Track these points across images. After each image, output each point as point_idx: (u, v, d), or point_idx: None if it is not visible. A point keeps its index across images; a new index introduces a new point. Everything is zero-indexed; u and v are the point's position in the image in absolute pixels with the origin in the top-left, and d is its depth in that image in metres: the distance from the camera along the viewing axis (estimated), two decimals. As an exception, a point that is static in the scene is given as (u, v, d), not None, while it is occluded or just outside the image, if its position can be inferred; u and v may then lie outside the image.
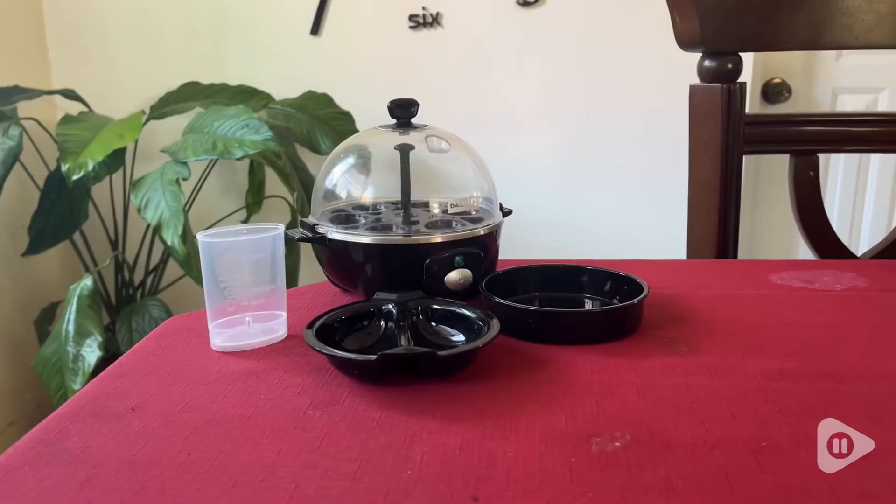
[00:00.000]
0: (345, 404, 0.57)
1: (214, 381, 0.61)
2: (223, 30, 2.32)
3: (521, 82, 2.23)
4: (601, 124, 2.20)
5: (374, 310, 0.68)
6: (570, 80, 2.20)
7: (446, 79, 2.26)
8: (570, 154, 2.24)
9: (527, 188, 2.28)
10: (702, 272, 0.91)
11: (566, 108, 2.22)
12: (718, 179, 1.05)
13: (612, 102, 2.17)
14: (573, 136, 2.23)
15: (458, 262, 0.73)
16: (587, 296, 0.78)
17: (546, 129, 2.24)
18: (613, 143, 2.19)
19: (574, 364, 0.63)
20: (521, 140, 2.26)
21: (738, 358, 0.64)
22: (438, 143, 0.78)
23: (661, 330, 0.71)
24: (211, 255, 0.65)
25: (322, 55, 2.30)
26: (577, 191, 2.25)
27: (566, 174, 2.25)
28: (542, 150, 2.26)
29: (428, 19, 2.24)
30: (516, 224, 2.36)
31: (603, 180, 2.23)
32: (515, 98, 2.24)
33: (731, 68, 1.04)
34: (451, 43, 2.25)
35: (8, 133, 1.80)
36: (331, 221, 0.77)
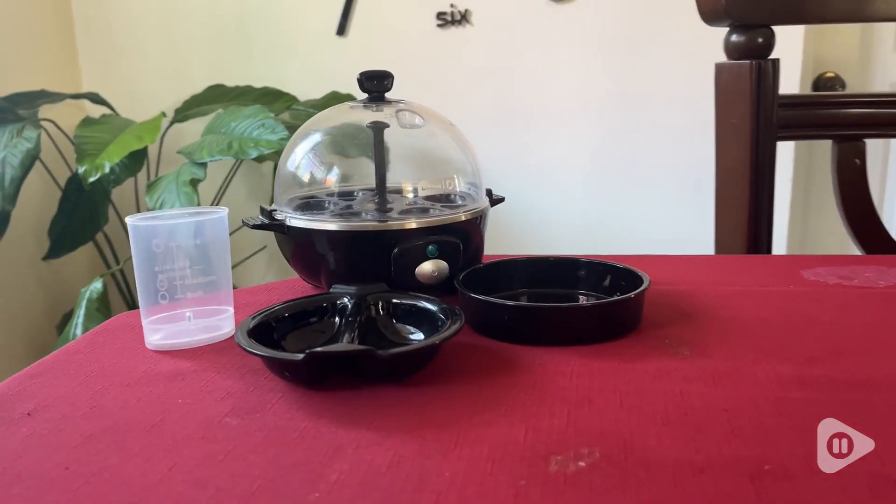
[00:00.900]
0: (270, 411, 0.48)
1: (134, 383, 0.53)
2: (249, 32, 2.28)
3: (553, 79, 2.13)
4: (638, 120, 2.08)
5: (328, 305, 0.59)
6: (605, 75, 2.09)
7: (476, 78, 2.18)
8: (606, 152, 2.13)
9: (561, 188, 2.17)
10: (723, 268, 0.80)
11: (601, 105, 2.11)
12: (748, 167, 0.94)
13: (649, 98, 2.05)
14: (609, 133, 2.12)
15: (431, 251, 0.64)
16: (582, 292, 0.68)
17: (580, 126, 2.14)
18: (652, 139, 2.07)
19: (552, 367, 0.54)
20: (555, 139, 2.16)
21: (751, 362, 0.54)
22: (411, 118, 0.69)
23: (664, 329, 0.61)
24: (141, 241, 0.58)
25: (348, 56, 2.24)
26: (615, 189, 2.14)
27: (602, 172, 2.14)
28: (576, 148, 2.15)
29: (456, 17, 2.16)
30: (550, 224, 2.26)
31: (641, 178, 2.11)
32: (548, 96, 2.14)
33: (762, 43, 0.93)
34: (480, 41, 2.16)
35: (25, 135, 1.78)
36: (294, 208, 0.69)
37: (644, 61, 2.04)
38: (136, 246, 0.58)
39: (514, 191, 2.21)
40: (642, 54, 2.04)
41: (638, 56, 2.05)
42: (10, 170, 1.79)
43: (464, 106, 2.20)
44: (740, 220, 0.96)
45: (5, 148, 1.70)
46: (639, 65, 2.05)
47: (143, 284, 0.58)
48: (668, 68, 2.03)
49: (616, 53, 2.07)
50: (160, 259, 0.58)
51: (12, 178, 1.78)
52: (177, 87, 2.28)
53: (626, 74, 2.07)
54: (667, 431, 0.44)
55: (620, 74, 2.07)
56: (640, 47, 2.04)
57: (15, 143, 1.75)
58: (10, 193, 1.79)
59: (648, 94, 2.05)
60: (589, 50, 2.09)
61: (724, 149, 0.97)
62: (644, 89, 2.06)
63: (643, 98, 2.06)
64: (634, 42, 2.04)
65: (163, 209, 1.72)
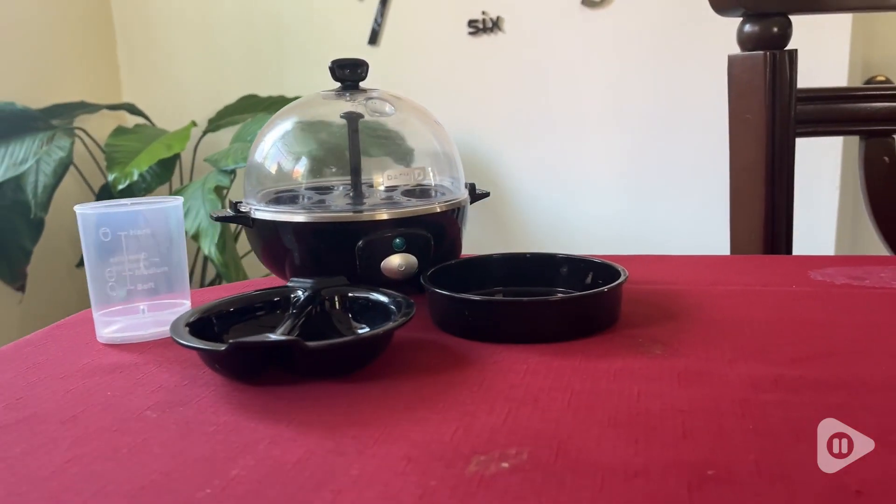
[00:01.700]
0: (194, 405, 0.45)
1: (70, 376, 0.51)
2: (283, 43, 2.30)
3: (587, 86, 2.08)
4: (675, 127, 2.02)
5: (280, 299, 0.56)
6: (640, 81, 2.03)
7: (508, 85, 2.15)
8: (640, 158, 2.07)
9: (594, 194, 2.12)
10: (726, 268, 0.75)
11: (637, 112, 2.05)
12: (764, 165, 0.89)
13: (686, 104, 1.99)
14: (643, 139, 2.06)
15: (398, 244, 0.61)
16: (562, 290, 0.64)
17: (615, 134, 2.08)
18: (688, 147, 2.00)
19: (507, 365, 0.50)
20: (589, 146, 2.11)
21: (726, 362, 0.49)
22: (380, 105, 0.66)
23: (641, 328, 0.56)
24: (88, 230, 0.56)
25: (380, 65, 2.22)
26: (648, 196, 2.07)
27: (636, 179, 2.08)
28: (609, 154, 2.10)
29: (488, 24, 2.14)
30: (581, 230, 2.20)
31: (677, 187, 2.04)
32: (581, 102, 2.10)
33: (777, 33, 0.88)
34: (512, 48, 2.13)
35: (58, 144, 1.81)
36: (263, 201, 0.67)
37: (678, 66, 1.98)
38: (84, 235, 0.56)
39: (545, 197, 2.16)
40: (676, 59, 1.98)
41: (672, 61, 1.99)
42: (42, 177, 1.82)
43: (496, 113, 2.17)
44: (756, 222, 0.91)
45: (35, 156, 1.73)
46: (673, 70, 1.99)
47: (92, 276, 0.57)
48: (704, 73, 1.96)
49: (649, 59, 2.01)
50: (108, 249, 0.56)
51: (45, 186, 1.82)
52: (212, 97, 2.31)
53: (660, 80, 2.01)
54: (610, 433, 0.40)
55: (654, 80, 2.01)
56: (673, 52, 1.98)
57: (47, 152, 1.78)
58: (43, 200, 1.82)
59: (683, 100, 1.99)
60: (622, 55, 2.04)
61: (738, 146, 0.92)
62: (679, 95, 1.99)
63: (678, 103, 2.00)
64: (668, 47, 1.98)
65: (187, 216, 1.73)
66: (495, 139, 2.19)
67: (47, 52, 2.18)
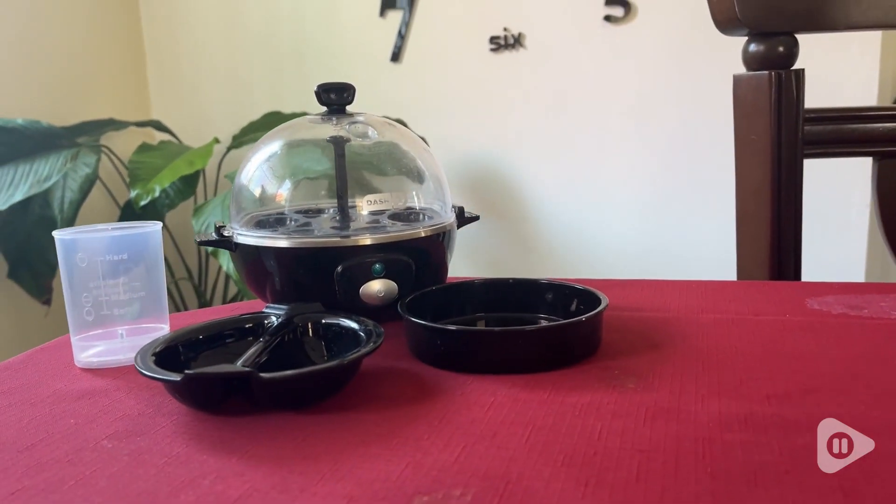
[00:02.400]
0: (152, 435, 0.45)
1: (40, 402, 0.52)
2: (306, 61, 2.32)
3: (609, 103, 2.07)
4: (701, 146, 1.99)
5: (253, 325, 0.56)
6: (663, 98, 2.01)
7: (530, 102, 2.14)
8: (664, 176, 2.04)
9: (616, 213, 2.09)
10: (719, 294, 0.73)
11: (660, 130, 2.03)
12: (769, 188, 0.87)
13: (710, 122, 1.96)
14: (667, 159, 2.03)
15: (377, 270, 0.61)
16: (544, 317, 0.62)
17: (638, 152, 2.06)
18: (712, 166, 1.97)
19: (474, 397, 0.49)
20: (611, 164, 2.09)
21: (699, 398, 0.47)
22: (363, 129, 0.66)
23: (619, 359, 0.55)
24: (65, 255, 0.56)
25: (402, 81, 2.24)
26: (672, 215, 2.04)
27: (659, 198, 2.05)
28: (633, 174, 2.07)
29: (510, 41, 2.13)
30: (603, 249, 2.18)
31: (700, 206, 2.01)
32: (604, 120, 2.08)
33: (783, 52, 0.86)
34: (534, 64, 2.12)
35: (84, 160, 1.84)
36: (247, 226, 0.67)
37: (702, 83, 1.95)
38: (61, 260, 0.56)
39: (566, 215, 2.14)
40: (700, 76, 1.95)
41: (695, 78, 1.96)
42: (69, 193, 1.86)
43: (517, 130, 2.16)
44: (761, 246, 0.88)
45: (59, 172, 1.76)
46: (696, 87, 1.96)
47: (70, 301, 0.57)
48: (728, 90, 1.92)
49: (673, 75, 1.99)
50: (85, 274, 0.56)
51: (71, 201, 1.85)
52: (237, 114, 2.34)
53: (683, 97, 1.98)
54: (562, 472, 0.38)
55: (677, 97, 1.99)
56: (697, 69, 1.95)
57: (73, 168, 1.82)
58: (69, 215, 1.85)
59: (707, 118, 1.96)
60: (646, 71, 2.02)
61: (743, 168, 0.90)
62: (702, 112, 1.96)
63: (701, 121, 1.97)
64: (692, 63, 1.96)
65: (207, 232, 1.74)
66: (516, 156, 2.18)
67: (79, 71, 2.23)
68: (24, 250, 1.91)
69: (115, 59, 2.39)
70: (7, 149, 1.82)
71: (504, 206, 2.20)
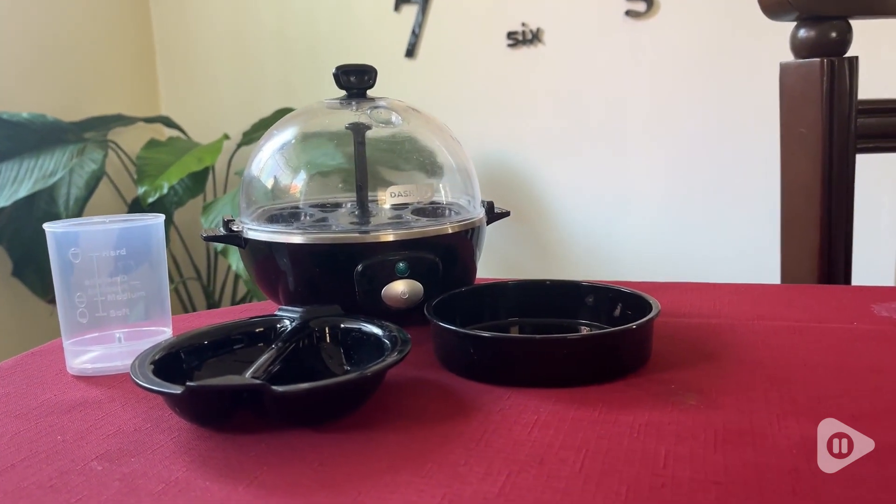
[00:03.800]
0: (148, 456, 0.39)
1: (27, 414, 0.46)
2: (319, 56, 2.26)
3: (631, 100, 2.00)
4: (723, 144, 1.92)
5: (265, 330, 0.50)
6: (686, 95, 1.94)
7: (548, 99, 2.07)
8: (687, 176, 1.97)
9: (636, 214, 2.03)
10: (773, 299, 0.66)
11: (683, 127, 1.96)
12: (819, 185, 0.80)
13: (735, 119, 1.89)
14: (691, 156, 1.96)
15: (401, 269, 0.55)
16: (586, 323, 0.56)
17: (660, 149, 1.99)
18: (736, 165, 1.90)
19: (514, 414, 0.43)
20: (631, 163, 2.02)
21: (774, 418, 0.41)
22: (386, 114, 0.60)
23: (674, 371, 0.49)
24: (57, 250, 0.51)
25: (417, 78, 2.18)
26: (694, 217, 1.97)
27: (682, 200, 1.98)
28: (654, 172, 2.01)
29: (528, 36, 2.07)
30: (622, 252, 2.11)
31: (723, 207, 1.94)
32: (625, 117, 2.01)
33: (836, 38, 0.79)
34: (552, 60, 2.06)
35: (91, 156, 1.80)
36: (267, 221, 0.61)
37: (726, 81, 1.89)
38: (53, 256, 0.51)
39: (585, 215, 2.08)
40: (724, 73, 1.88)
41: (719, 75, 1.89)
42: (74, 189, 1.81)
43: (535, 127, 2.10)
44: (810, 247, 0.82)
45: (64, 168, 1.71)
46: (724, 83, 1.90)
47: (62, 301, 0.51)
48: (753, 88, 1.86)
49: (696, 72, 1.92)
50: (78, 271, 0.50)
51: (77, 198, 1.80)
52: (248, 110, 2.28)
53: (710, 94, 1.91)
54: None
55: (703, 94, 1.92)
56: (721, 66, 1.89)
57: (79, 164, 1.77)
58: (75, 213, 1.80)
59: (731, 116, 1.89)
60: (669, 68, 1.95)
61: (790, 162, 0.83)
62: (726, 110, 1.90)
63: (725, 119, 1.90)
64: (715, 60, 1.89)
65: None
66: (534, 154, 2.12)
67: (86, 66, 2.18)
68: (29, 248, 1.86)
69: (124, 53, 2.34)
70: (12, 143, 1.77)
71: (519, 204, 2.13)
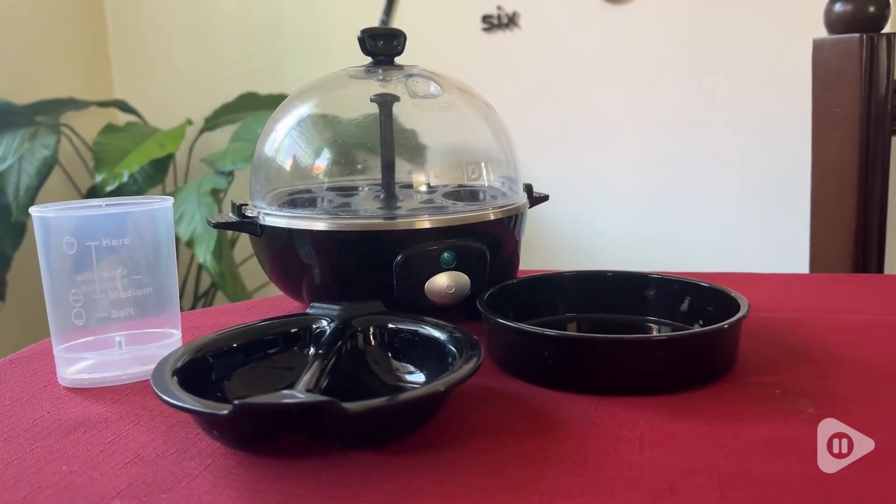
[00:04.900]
0: (183, 490, 0.32)
1: (18, 436, 0.38)
2: (283, 39, 2.16)
3: (608, 88, 1.95)
4: (702, 133, 1.88)
5: (299, 330, 0.43)
6: (665, 83, 1.90)
7: (524, 85, 2.02)
8: (665, 164, 1.93)
9: (615, 202, 1.99)
10: (831, 290, 0.61)
11: (661, 116, 1.92)
12: (856, 167, 0.76)
13: (715, 109, 1.86)
14: (669, 146, 1.93)
15: (447, 260, 0.48)
16: (652, 319, 0.50)
17: (638, 139, 1.95)
18: (716, 154, 1.87)
19: (611, 429, 0.36)
20: (609, 149, 1.98)
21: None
22: (425, 85, 0.53)
23: (768, 374, 0.43)
24: (48, 239, 0.42)
25: (388, 61, 2.10)
26: (674, 205, 1.94)
27: (660, 186, 1.94)
28: (632, 160, 1.96)
29: (503, 20, 2.01)
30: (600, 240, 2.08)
31: (704, 196, 1.91)
32: (603, 106, 1.96)
33: (874, 13, 0.75)
34: (529, 45, 2.00)
35: (43, 142, 1.67)
36: (274, 205, 0.53)
37: (710, 66, 1.85)
38: (41, 245, 0.43)
39: (562, 205, 2.03)
40: (708, 58, 1.85)
41: (703, 60, 1.86)
42: (25, 177, 1.68)
43: (509, 115, 2.03)
44: (845, 233, 0.78)
45: (15, 153, 1.59)
46: (703, 70, 1.86)
47: (53, 298, 0.43)
48: (737, 74, 1.83)
49: (677, 58, 1.88)
50: (74, 263, 0.42)
51: (27, 187, 1.68)
52: (209, 95, 2.17)
53: (689, 81, 1.88)
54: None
55: (682, 81, 1.88)
56: (705, 51, 1.85)
57: (29, 150, 1.65)
58: (25, 203, 1.68)
59: (712, 104, 1.86)
60: (647, 55, 1.91)
61: (823, 144, 0.79)
62: (707, 99, 1.87)
63: (705, 108, 1.87)
64: (699, 45, 1.86)
65: (181, 221, 1.59)
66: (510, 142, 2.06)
67: (35, 46, 2.05)
68: (-25, 240, 1.73)
69: (75, 33, 2.20)
70: (-44, 127, 1.64)
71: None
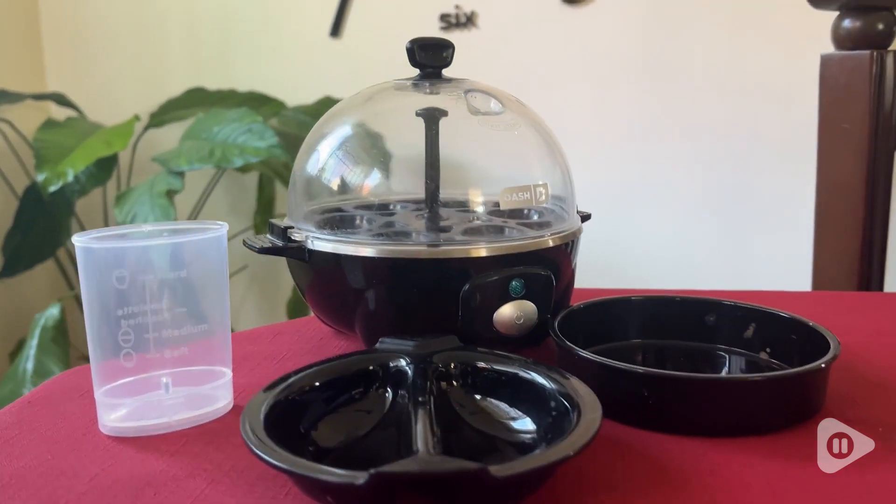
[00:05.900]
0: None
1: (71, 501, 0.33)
2: (231, 32, 2.09)
3: (567, 90, 1.95)
4: (661, 138, 1.90)
5: (375, 368, 0.40)
6: (624, 87, 1.91)
7: (481, 85, 2.00)
8: (623, 169, 1.95)
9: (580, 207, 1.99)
10: (867, 309, 0.61)
11: (620, 120, 1.93)
12: (863, 182, 0.77)
13: (673, 113, 1.88)
14: (629, 151, 1.94)
15: (515, 288, 0.45)
16: (722, 347, 0.49)
17: (597, 143, 1.96)
18: (675, 159, 1.89)
19: (735, 476, 0.34)
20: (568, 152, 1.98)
21: None
22: (485, 101, 0.51)
23: (858, 409, 0.42)
24: (96, 272, 0.38)
25: (343, 58, 2.05)
26: (632, 212, 1.96)
27: (620, 195, 1.96)
28: (590, 165, 1.97)
29: (461, 19, 1.98)
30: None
31: (662, 202, 1.93)
32: (561, 109, 1.96)
33: (882, 30, 0.76)
34: (487, 46, 1.98)
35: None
36: (316, 225, 0.50)
37: (667, 70, 1.87)
38: (87, 280, 0.38)
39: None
40: (665, 63, 1.87)
41: (660, 65, 1.88)
42: (-44, 177, 1.57)
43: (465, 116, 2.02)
44: (849, 247, 0.78)
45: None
46: (661, 75, 1.88)
47: (97, 338, 0.38)
48: (694, 78, 1.86)
49: (636, 61, 1.90)
50: (124, 298, 0.38)
51: (-40, 187, 1.57)
52: (152, 89, 2.08)
53: (648, 84, 1.90)
54: None
55: (641, 84, 1.90)
56: (662, 55, 1.87)
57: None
58: (-42, 203, 1.57)
59: (672, 107, 1.88)
60: (605, 57, 1.91)
61: (829, 159, 0.79)
62: (667, 102, 1.89)
63: (665, 111, 1.89)
64: (656, 49, 1.87)
65: (133, 223, 1.51)
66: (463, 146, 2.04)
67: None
68: None
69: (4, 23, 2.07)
70: None
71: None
